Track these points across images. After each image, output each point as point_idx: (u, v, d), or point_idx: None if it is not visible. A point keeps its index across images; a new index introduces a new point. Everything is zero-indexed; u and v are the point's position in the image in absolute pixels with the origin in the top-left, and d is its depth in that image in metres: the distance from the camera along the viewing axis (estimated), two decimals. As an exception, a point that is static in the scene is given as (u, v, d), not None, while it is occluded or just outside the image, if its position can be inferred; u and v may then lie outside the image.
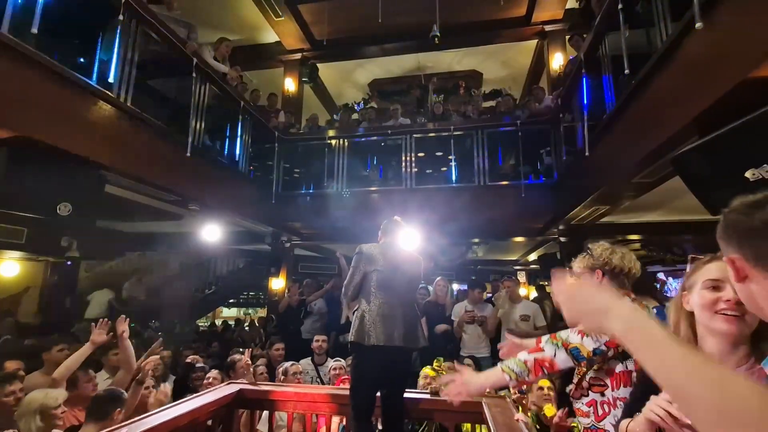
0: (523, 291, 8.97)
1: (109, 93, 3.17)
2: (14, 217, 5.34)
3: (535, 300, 6.03)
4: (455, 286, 8.93)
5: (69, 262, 6.67)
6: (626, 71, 2.90)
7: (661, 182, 3.22)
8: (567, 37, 6.24)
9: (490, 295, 5.90)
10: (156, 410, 2.14)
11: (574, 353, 1.37)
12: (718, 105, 1.96)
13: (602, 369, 1.51)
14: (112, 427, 1.87)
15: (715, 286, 1.01)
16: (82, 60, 3.11)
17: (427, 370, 3.02)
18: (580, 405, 1.58)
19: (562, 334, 1.43)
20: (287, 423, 2.63)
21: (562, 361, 1.39)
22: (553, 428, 2.11)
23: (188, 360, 3.95)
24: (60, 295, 7.08)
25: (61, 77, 2.79)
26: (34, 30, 2.63)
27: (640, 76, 2.66)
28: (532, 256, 8.90)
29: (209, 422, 2.40)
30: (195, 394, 2.51)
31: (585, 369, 1.53)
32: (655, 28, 2.58)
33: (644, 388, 1.09)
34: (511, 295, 4.38)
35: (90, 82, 3.02)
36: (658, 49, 2.46)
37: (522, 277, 10.28)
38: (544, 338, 1.47)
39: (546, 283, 7.39)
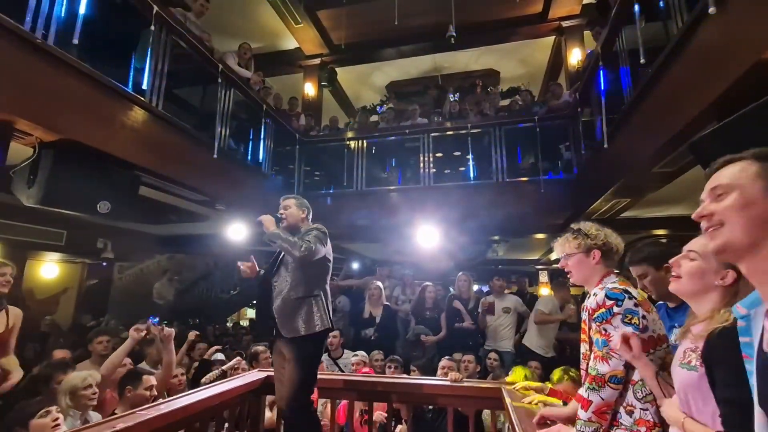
0: (544, 291, 8.91)
1: (142, 98, 3.39)
2: (55, 220, 5.68)
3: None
4: (475, 287, 8.91)
5: (104, 263, 7.02)
6: (642, 61, 2.91)
7: (681, 172, 3.18)
8: (589, 31, 6.20)
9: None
10: (188, 392, 2.28)
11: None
12: (735, 88, 1.96)
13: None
14: (151, 404, 2.02)
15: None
16: (118, 68, 3.32)
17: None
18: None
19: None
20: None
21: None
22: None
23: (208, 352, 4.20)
24: (96, 296, 7.45)
25: (101, 84, 3.00)
26: (76, 41, 2.86)
27: (657, 64, 2.67)
28: (554, 255, 8.78)
29: (238, 408, 2.52)
30: (224, 380, 2.65)
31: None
32: (671, 20, 2.59)
33: None
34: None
35: (126, 88, 3.24)
36: (673, 36, 2.46)
37: (544, 276, 10.16)
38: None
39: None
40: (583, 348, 1.58)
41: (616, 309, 1.39)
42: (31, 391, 2.45)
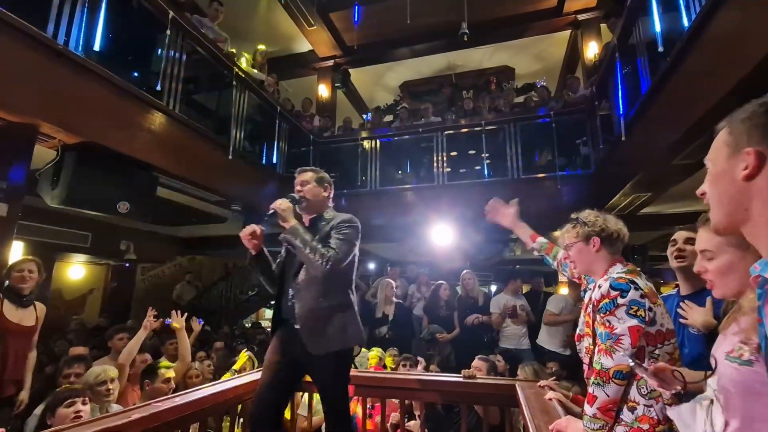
0: (564, 290, 8.72)
1: (160, 102, 3.48)
2: (80, 222, 5.89)
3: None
4: (493, 288, 8.79)
5: (127, 264, 7.24)
6: (660, 49, 2.83)
7: (703, 164, 3.06)
8: (605, 24, 6.07)
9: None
10: (204, 385, 2.32)
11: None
12: (755, 73, 1.88)
13: None
14: (167, 396, 2.06)
15: None
16: (136, 72, 3.44)
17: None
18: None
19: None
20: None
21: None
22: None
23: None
24: (120, 296, 7.69)
25: (120, 88, 3.10)
26: (96, 47, 2.97)
27: (674, 52, 2.59)
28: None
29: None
30: (241, 374, 2.69)
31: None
32: (688, 10, 2.52)
33: None
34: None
35: (144, 92, 3.34)
36: (691, 23, 2.39)
37: (563, 276, 9.93)
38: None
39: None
40: (586, 342, 1.52)
41: (620, 300, 1.33)
42: (49, 383, 2.57)
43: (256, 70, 5.30)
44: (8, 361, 2.55)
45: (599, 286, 1.43)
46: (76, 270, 7.62)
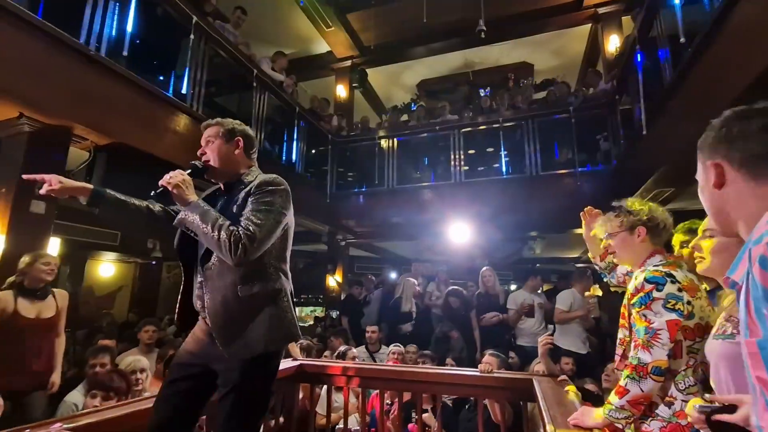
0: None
1: (184, 104, 3.62)
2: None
3: (601, 297, 5.79)
4: (513, 287, 8.70)
5: (154, 262, 7.49)
6: (682, 40, 2.77)
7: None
8: (628, 16, 5.94)
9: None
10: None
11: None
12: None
13: None
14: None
15: None
16: (161, 76, 3.59)
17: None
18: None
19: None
20: (344, 397, 2.80)
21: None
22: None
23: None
24: (147, 293, 7.97)
25: (147, 91, 3.24)
26: (125, 53, 3.11)
27: (696, 42, 2.53)
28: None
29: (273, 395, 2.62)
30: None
31: None
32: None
33: None
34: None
35: (169, 94, 3.48)
36: (713, 12, 2.34)
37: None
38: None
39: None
40: (621, 333, 1.49)
41: (656, 293, 1.29)
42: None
43: (275, 72, 5.42)
44: (32, 356, 2.58)
45: (635, 278, 1.39)
46: (106, 268, 7.94)
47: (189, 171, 1.44)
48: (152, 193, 1.37)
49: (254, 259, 1.34)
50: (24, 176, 1.38)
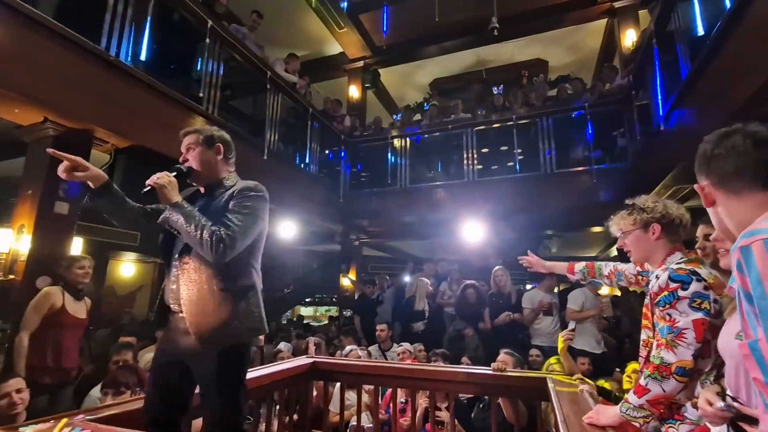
0: (605, 290, 8.39)
1: (200, 106, 3.70)
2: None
3: (619, 298, 5.72)
4: (528, 287, 8.60)
5: (172, 262, 7.66)
6: (701, 32, 2.71)
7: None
8: (645, 9, 5.82)
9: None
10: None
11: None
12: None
13: None
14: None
15: None
16: (178, 79, 3.67)
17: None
18: None
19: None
20: (357, 394, 2.82)
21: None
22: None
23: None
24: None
25: (164, 95, 3.33)
26: (143, 57, 3.20)
27: (715, 35, 2.47)
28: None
29: (287, 391, 2.67)
30: (275, 362, 2.82)
31: None
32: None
33: None
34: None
35: (185, 97, 3.56)
36: (731, 5, 2.28)
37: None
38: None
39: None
40: (644, 334, 1.46)
41: (681, 293, 1.26)
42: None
43: (288, 74, 5.49)
44: (66, 352, 2.73)
45: (657, 277, 1.36)
46: (126, 267, 8.14)
47: (174, 173, 1.53)
48: (142, 191, 1.44)
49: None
50: (48, 150, 1.42)
